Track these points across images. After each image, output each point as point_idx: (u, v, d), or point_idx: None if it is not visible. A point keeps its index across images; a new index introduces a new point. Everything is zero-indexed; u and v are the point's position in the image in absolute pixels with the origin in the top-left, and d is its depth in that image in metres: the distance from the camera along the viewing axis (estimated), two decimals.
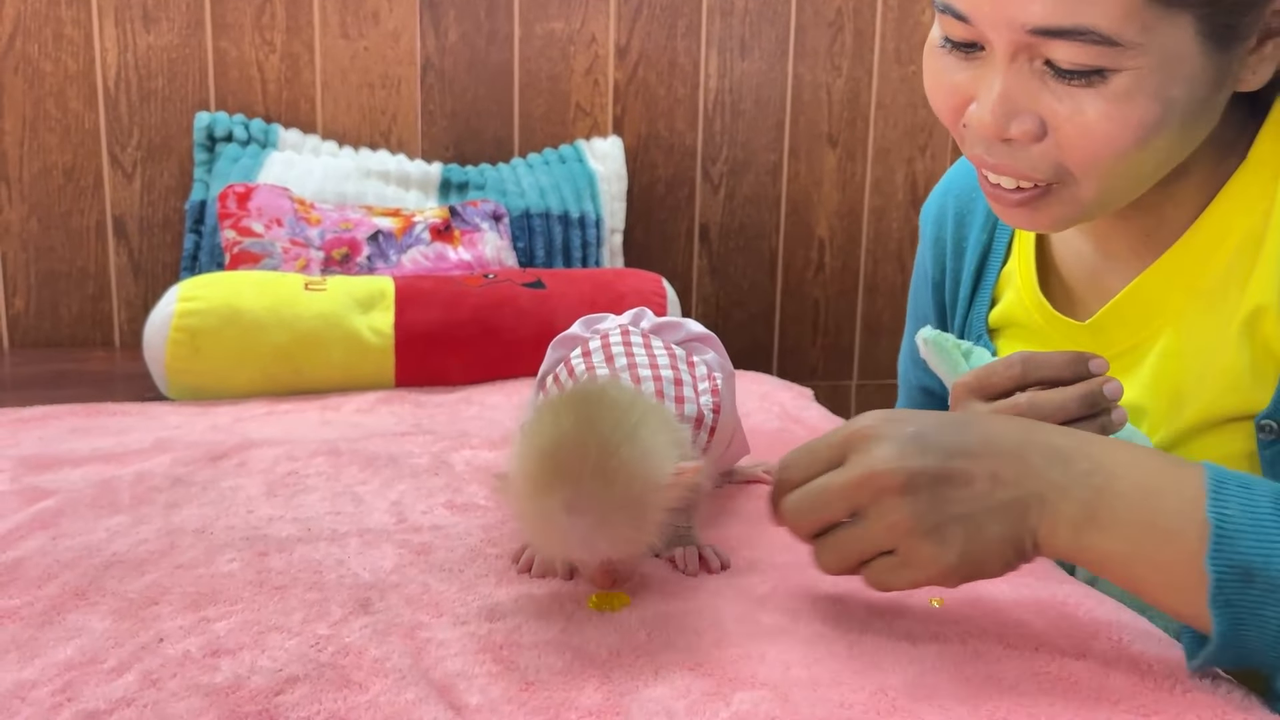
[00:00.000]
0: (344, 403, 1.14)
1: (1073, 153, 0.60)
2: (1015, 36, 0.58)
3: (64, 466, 0.85)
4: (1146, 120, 0.58)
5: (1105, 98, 0.58)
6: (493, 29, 1.87)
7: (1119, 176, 0.62)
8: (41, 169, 1.75)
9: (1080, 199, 0.63)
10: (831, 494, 0.54)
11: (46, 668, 0.53)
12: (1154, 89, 0.57)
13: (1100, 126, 0.58)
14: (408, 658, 0.53)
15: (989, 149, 0.63)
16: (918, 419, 0.55)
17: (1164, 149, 0.61)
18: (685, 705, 0.50)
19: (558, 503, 0.54)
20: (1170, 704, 0.50)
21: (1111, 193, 0.63)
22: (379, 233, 1.59)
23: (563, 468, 0.54)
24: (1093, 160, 0.60)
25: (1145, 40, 0.56)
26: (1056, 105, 0.59)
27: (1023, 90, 0.60)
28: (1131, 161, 0.60)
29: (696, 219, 2.00)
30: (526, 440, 0.56)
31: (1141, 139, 0.59)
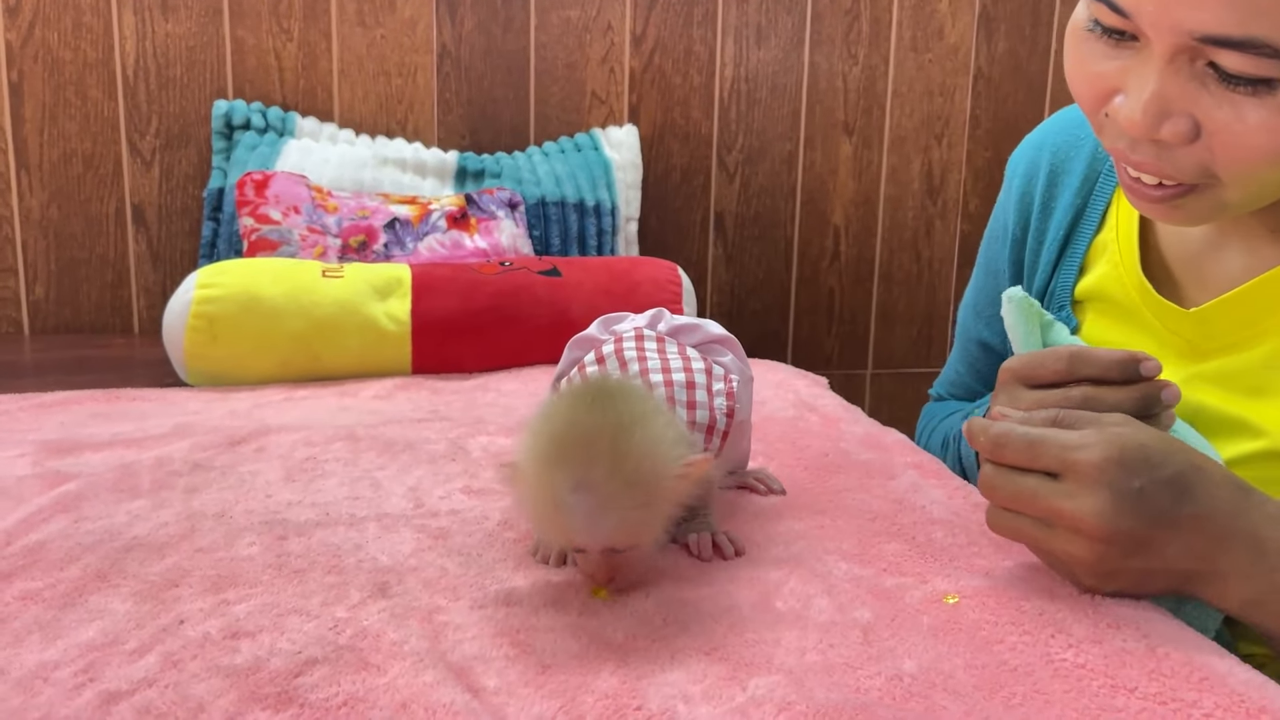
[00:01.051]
0: (361, 389, 1.14)
1: (1224, 158, 0.59)
2: (1179, 40, 0.56)
3: (85, 451, 0.86)
4: None
5: (1269, 108, 0.55)
6: (509, 17, 1.87)
7: (1266, 184, 0.60)
8: (61, 157, 1.76)
9: (1223, 201, 0.62)
10: (1035, 505, 0.57)
11: (69, 649, 0.53)
12: None
13: (1259, 136, 0.56)
14: (425, 641, 0.54)
15: (1134, 146, 0.61)
16: (1147, 466, 0.55)
17: None
18: (701, 690, 0.50)
19: (566, 482, 0.54)
20: (1186, 691, 0.50)
21: (1255, 197, 0.62)
22: (395, 220, 1.59)
23: (574, 448, 0.55)
24: (1244, 167, 0.59)
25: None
26: (1215, 110, 0.57)
27: (1180, 91, 0.58)
28: (1275, 171, 0.58)
29: (712, 207, 2.00)
30: (538, 425, 0.57)
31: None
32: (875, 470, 0.83)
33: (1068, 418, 0.58)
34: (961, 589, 0.60)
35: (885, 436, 0.93)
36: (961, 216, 2.08)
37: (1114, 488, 0.54)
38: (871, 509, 0.74)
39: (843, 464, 0.84)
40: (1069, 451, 0.56)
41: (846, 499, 0.76)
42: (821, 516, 0.72)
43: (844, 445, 0.89)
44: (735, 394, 0.68)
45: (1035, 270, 0.83)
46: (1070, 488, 0.56)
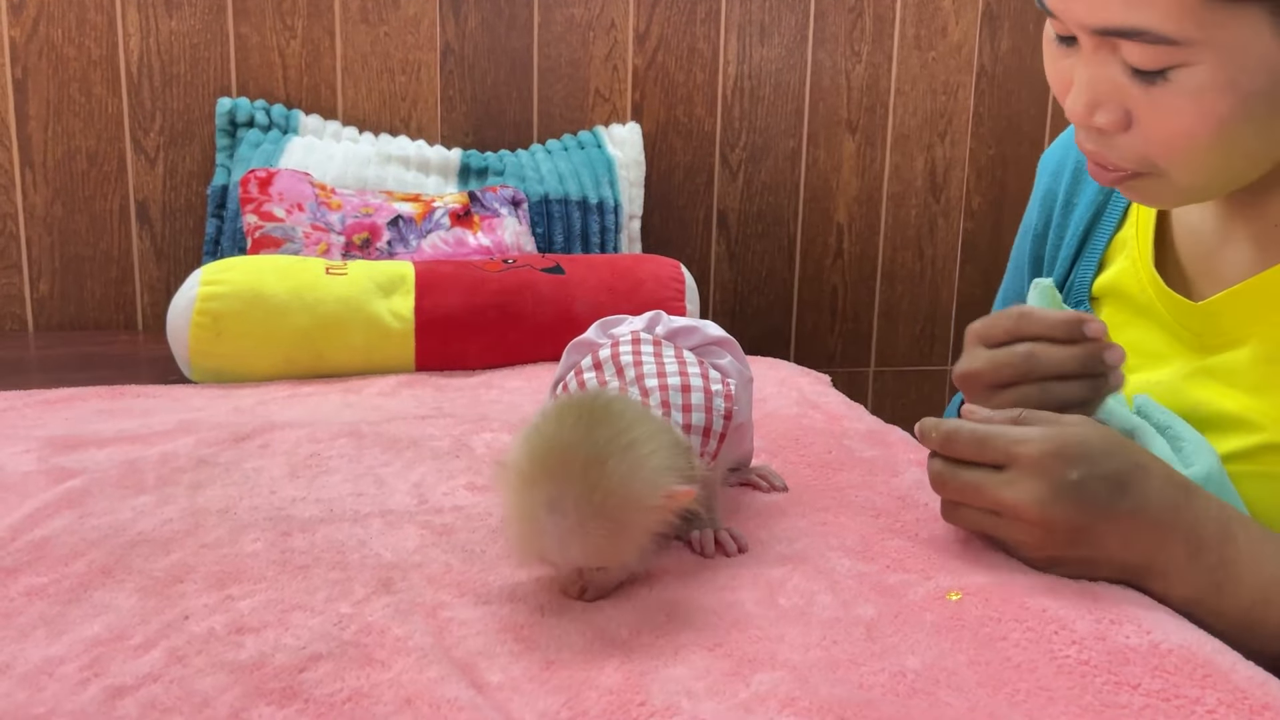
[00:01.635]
0: (365, 386, 1.14)
1: (1154, 145, 0.62)
2: (1086, 35, 0.61)
3: (90, 447, 0.86)
4: (1222, 114, 0.58)
5: (1177, 93, 0.58)
6: (512, 14, 1.87)
7: (1208, 168, 0.62)
8: (65, 154, 1.76)
9: (1175, 186, 0.64)
10: (980, 496, 0.61)
11: (74, 644, 0.53)
12: (1226, 82, 0.57)
13: (1175, 121, 0.59)
14: (429, 636, 0.54)
15: (1083, 135, 0.66)
16: (1086, 460, 0.58)
17: (1256, 139, 0.61)
18: (705, 685, 0.50)
19: (540, 499, 0.55)
20: (1189, 688, 0.50)
21: (1207, 183, 0.64)
22: (399, 218, 1.59)
23: (551, 466, 0.55)
24: (1174, 153, 0.61)
25: (1208, 36, 0.56)
26: (1138, 101, 0.61)
27: (1107, 82, 0.62)
28: (1216, 154, 0.61)
29: (715, 205, 2.00)
30: (525, 438, 0.57)
31: (1219, 132, 0.59)
32: (878, 467, 0.83)
33: (1029, 417, 0.60)
34: (964, 586, 0.60)
35: (888, 434, 0.93)
36: (965, 214, 2.08)
37: (1050, 477, 0.58)
38: (874, 506, 0.74)
39: (846, 461, 0.84)
40: (1013, 445, 0.59)
41: (849, 496, 0.76)
42: (824, 513, 0.72)
43: (847, 442, 0.89)
44: (734, 396, 0.68)
45: (1054, 265, 0.84)
46: (1011, 477, 0.59)
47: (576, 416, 0.57)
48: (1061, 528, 0.58)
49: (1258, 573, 0.58)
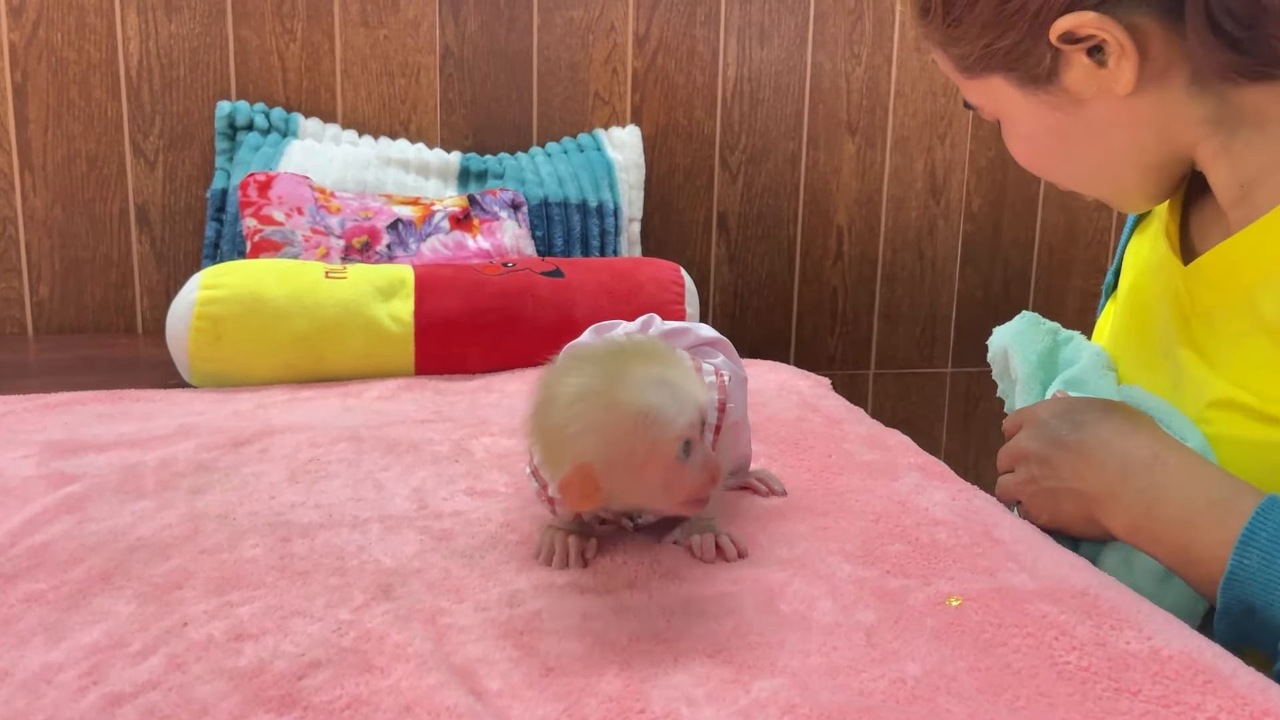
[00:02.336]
0: (365, 390, 1.14)
1: None
2: None
3: (89, 451, 0.86)
4: (1027, 153, 0.75)
5: (1007, 138, 0.76)
6: (512, 17, 1.87)
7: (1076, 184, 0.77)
8: (65, 157, 1.76)
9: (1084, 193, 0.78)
10: (1003, 455, 0.76)
11: (73, 651, 0.53)
12: (1011, 132, 0.75)
13: (1021, 157, 0.77)
14: (429, 643, 0.54)
15: None
16: (1064, 409, 0.71)
17: (1079, 162, 0.74)
18: (705, 692, 0.50)
19: (646, 379, 0.57)
20: (1190, 694, 0.50)
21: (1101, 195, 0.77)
22: (399, 221, 1.59)
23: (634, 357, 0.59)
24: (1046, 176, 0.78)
25: (982, 100, 0.74)
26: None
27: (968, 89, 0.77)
28: (1062, 174, 0.76)
29: (715, 207, 2.00)
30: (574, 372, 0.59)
31: (1040, 165, 0.76)
32: (878, 471, 0.83)
33: None
34: (965, 591, 0.60)
35: (888, 438, 0.93)
36: (964, 216, 2.08)
37: (1031, 422, 0.72)
38: (875, 510, 0.74)
39: (846, 465, 0.84)
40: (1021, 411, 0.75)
41: (850, 500, 0.76)
42: (824, 518, 0.72)
43: (847, 446, 0.89)
44: (726, 388, 0.68)
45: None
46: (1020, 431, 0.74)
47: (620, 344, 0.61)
48: (1034, 459, 0.71)
49: (1185, 494, 0.62)
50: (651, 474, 0.58)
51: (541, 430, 0.59)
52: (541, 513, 0.73)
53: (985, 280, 2.08)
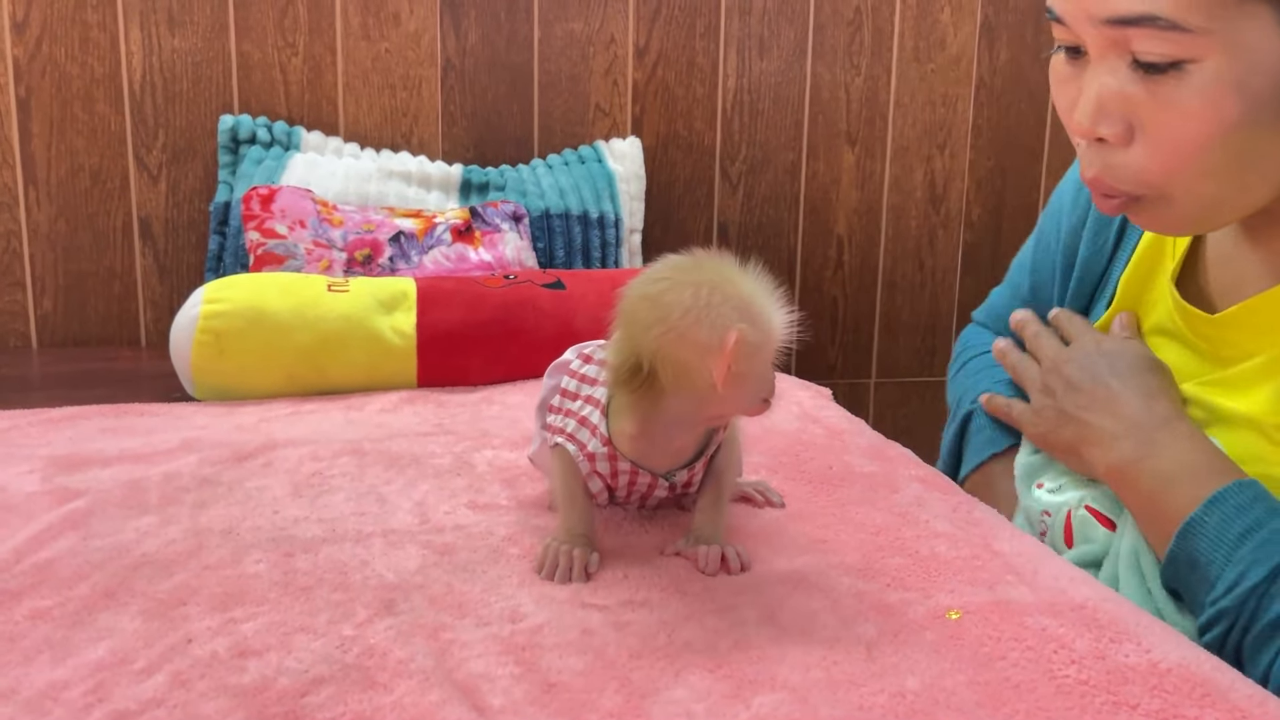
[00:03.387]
0: (367, 403, 1.15)
1: (1158, 158, 0.62)
2: (1098, 31, 0.61)
3: (93, 466, 0.87)
4: (1228, 114, 0.58)
5: (1185, 91, 0.58)
6: (513, 30, 1.88)
7: (1209, 180, 0.61)
8: (69, 171, 1.77)
9: (1178, 210, 0.64)
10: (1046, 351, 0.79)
11: (78, 668, 0.54)
12: (1234, 81, 0.57)
13: (1180, 126, 0.59)
14: (431, 659, 0.54)
15: (1087, 156, 0.66)
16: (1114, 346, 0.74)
17: (1258, 149, 0.60)
18: (705, 707, 0.50)
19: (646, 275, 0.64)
20: (1188, 707, 0.50)
21: (1208, 202, 0.63)
22: (401, 234, 1.60)
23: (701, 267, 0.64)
24: (1177, 166, 0.61)
25: (1217, 27, 0.56)
26: (1145, 106, 0.61)
27: (1114, 90, 0.62)
28: (1217, 160, 0.60)
29: (715, 218, 2.00)
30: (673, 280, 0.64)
31: (1224, 134, 0.59)
32: (879, 483, 0.83)
33: None
34: (964, 604, 0.60)
35: (889, 449, 0.93)
36: (964, 225, 2.08)
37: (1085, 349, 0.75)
38: (875, 523, 0.74)
39: (846, 477, 0.84)
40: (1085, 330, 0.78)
41: (850, 513, 0.76)
42: (825, 530, 0.73)
43: (848, 458, 0.90)
44: None
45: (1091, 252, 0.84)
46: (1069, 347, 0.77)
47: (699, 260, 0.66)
48: (1065, 381, 0.74)
49: (1177, 455, 0.65)
50: (761, 362, 0.63)
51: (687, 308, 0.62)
52: (545, 525, 0.73)
53: (985, 289, 2.08)
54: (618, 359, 0.64)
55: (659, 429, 0.66)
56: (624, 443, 0.68)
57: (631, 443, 0.67)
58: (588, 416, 0.69)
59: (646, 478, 0.70)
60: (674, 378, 0.62)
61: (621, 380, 0.64)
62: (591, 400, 0.70)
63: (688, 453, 0.69)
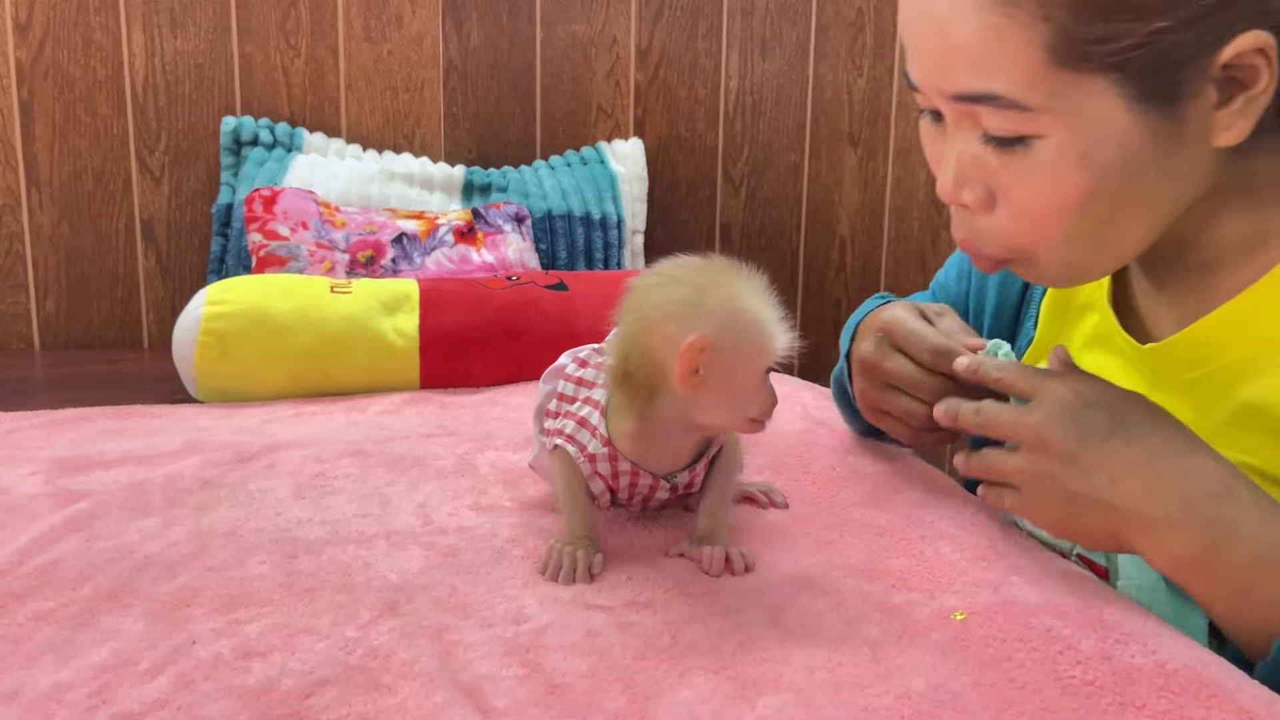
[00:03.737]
0: (370, 404, 1.15)
1: (1017, 225, 0.61)
2: (948, 104, 0.60)
3: (96, 468, 0.87)
4: (1078, 188, 0.57)
5: (1034, 166, 0.58)
6: (514, 31, 1.88)
7: (1075, 247, 0.61)
8: (71, 173, 1.77)
9: (1049, 269, 0.63)
10: (1002, 423, 0.64)
11: (82, 670, 0.54)
12: (1080, 154, 0.57)
13: (1035, 198, 0.59)
14: (436, 660, 0.54)
15: (955, 222, 0.65)
16: (1100, 398, 0.61)
17: (1121, 212, 0.59)
18: (710, 709, 0.50)
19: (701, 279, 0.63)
20: (1195, 708, 0.50)
21: (1078, 262, 0.63)
22: (403, 235, 1.60)
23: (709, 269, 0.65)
24: (1037, 233, 0.60)
25: (1058, 104, 0.56)
26: (1000, 175, 0.60)
27: (972, 159, 0.61)
28: (1075, 227, 0.59)
29: (718, 219, 2.00)
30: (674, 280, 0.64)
31: (1078, 207, 0.58)
32: (883, 484, 0.83)
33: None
34: (969, 605, 0.60)
35: (893, 450, 0.93)
36: None
37: (1062, 402, 0.61)
38: (879, 524, 0.74)
39: (850, 478, 0.84)
40: (1044, 379, 0.63)
41: (854, 514, 0.76)
42: (829, 531, 0.73)
43: (852, 459, 0.90)
44: None
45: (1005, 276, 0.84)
46: (1033, 405, 0.62)
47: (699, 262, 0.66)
48: (1055, 450, 0.60)
49: (1258, 535, 0.55)
50: (742, 376, 0.63)
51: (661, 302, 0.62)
52: (548, 526, 0.73)
53: None
54: (613, 353, 0.65)
55: (655, 429, 0.66)
56: (623, 442, 0.67)
57: (630, 442, 0.67)
58: (587, 418, 0.69)
59: (648, 479, 0.70)
60: (642, 371, 0.63)
61: (615, 375, 0.64)
62: (590, 401, 0.70)
63: (686, 455, 0.69)
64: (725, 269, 0.65)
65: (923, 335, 0.74)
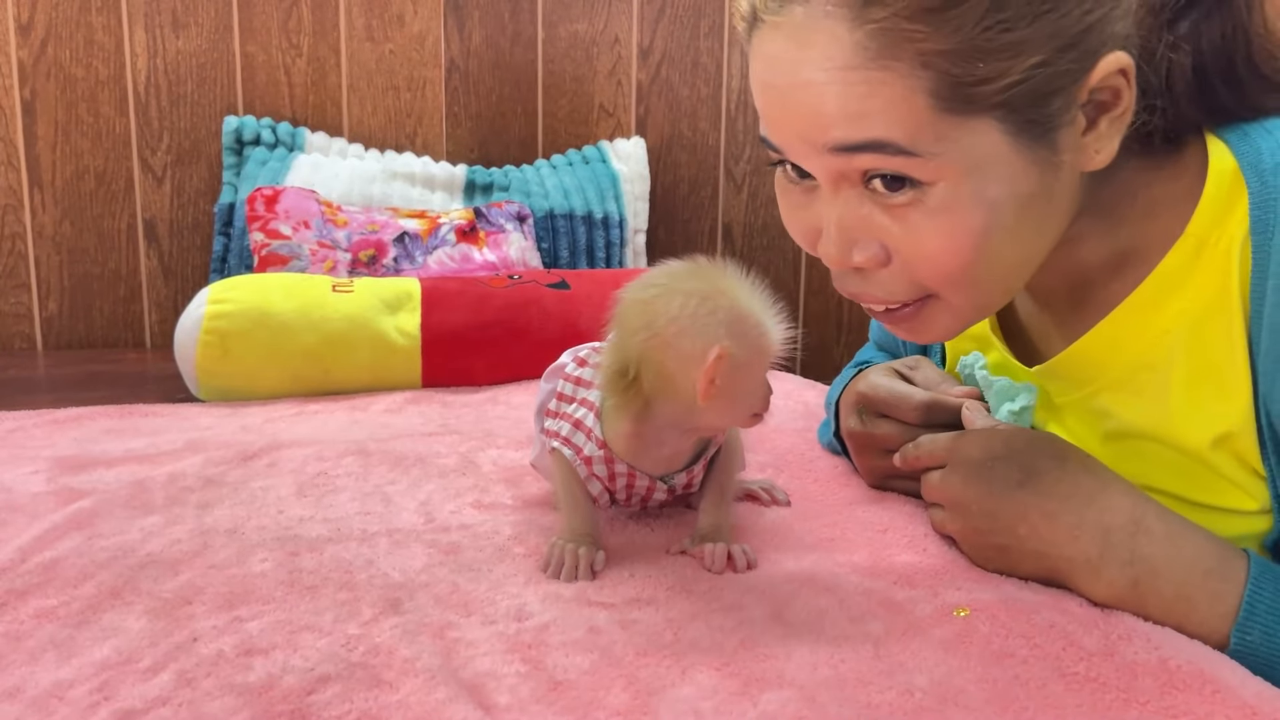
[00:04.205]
0: (372, 403, 1.15)
1: (920, 271, 0.59)
2: (824, 161, 0.57)
3: (98, 467, 0.87)
4: (974, 227, 0.56)
5: (928, 212, 0.56)
6: (516, 31, 1.88)
7: (980, 281, 0.60)
8: (74, 173, 1.77)
9: (955, 309, 0.62)
10: (926, 489, 0.69)
11: (84, 667, 0.54)
12: (971, 195, 0.56)
13: (933, 242, 0.57)
14: (437, 657, 0.54)
15: (844, 280, 0.63)
16: (1006, 451, 0.64)
17: (1015, 244, 0.59)
18: (712, 705, 0.50)
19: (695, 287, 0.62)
20: (1199, 704, 0.50)
21: (984, 296, 0.62)
22: (405, 234, 1.60)
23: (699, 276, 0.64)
24: (941, 275, 0.59)
25: (945, 149, 0.55)
26: (891, 228, 0.58)
27: (857, 218, 0.59)
28: (982, 267, 0.58)
29: (719, 218, 2.00)
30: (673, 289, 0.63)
31: (977, 246, 0.57)
32: None
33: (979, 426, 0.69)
34: (972, 602, 0.60)
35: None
36: None
37: (970, 462, 0.65)
38: (881, 521, 0.74)
39: (852, 476, 0.84)
40: (953, 442, 0.67)
41: (857, 511, 0.76)
42: (832, 529, 0.72)
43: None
44: None
45: None
46: (948, 469, 0.66)
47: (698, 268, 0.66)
48: (975, 509, 0.64)
49: (1175, 568, 0.58)
50: (751, 378, 0.63)
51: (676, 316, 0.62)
52: (550, 524, 0.73)
53: None
54: (607, 362, 0.65)
55: (650, 433, 0.66)
56: (618, 444, 0.67)
57: (625, 444, 0.67)
58: (582, 419, 0.69)
59: (644, 481, 0.69)
60: (658, 385, 0.63)
61: (609, 383, 0.64)
62: (586, 403, 0.70)
63: (682, 457, 0.69)
64: (718, 273, 0.64)
65: (904, 395, 0.74)
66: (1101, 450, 0.67)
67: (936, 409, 0.73)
